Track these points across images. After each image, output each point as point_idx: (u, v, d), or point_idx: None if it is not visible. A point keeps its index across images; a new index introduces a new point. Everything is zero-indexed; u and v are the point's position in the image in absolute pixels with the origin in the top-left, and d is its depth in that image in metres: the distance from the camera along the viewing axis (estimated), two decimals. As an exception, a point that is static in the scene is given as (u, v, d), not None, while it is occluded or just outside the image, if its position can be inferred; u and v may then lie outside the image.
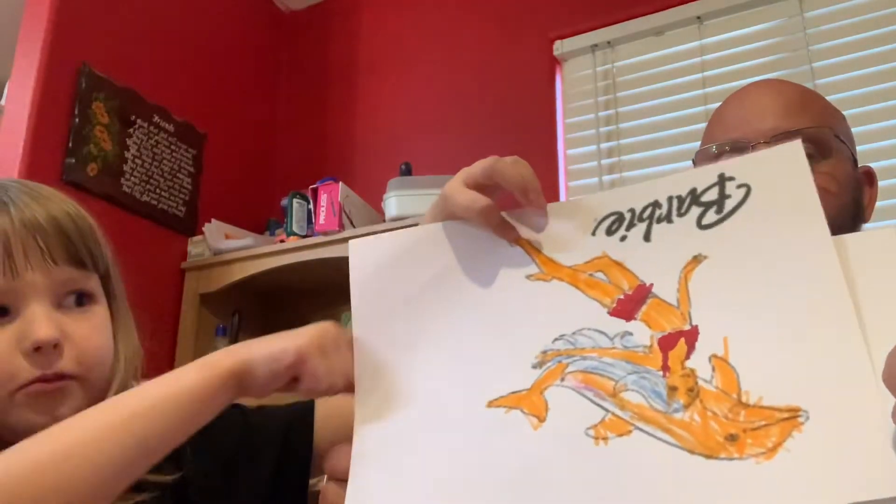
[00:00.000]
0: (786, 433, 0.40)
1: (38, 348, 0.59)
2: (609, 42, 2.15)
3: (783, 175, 0.48)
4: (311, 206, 2.11)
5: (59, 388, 0.60)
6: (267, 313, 2.28)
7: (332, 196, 2.05)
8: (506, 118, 2.23)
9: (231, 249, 2.12)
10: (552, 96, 2.20)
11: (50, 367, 0.60)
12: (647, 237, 0.49)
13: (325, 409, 0.74)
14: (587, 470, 0.43)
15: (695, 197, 0.49)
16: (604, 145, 2.10)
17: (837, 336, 0.42)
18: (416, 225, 0.58)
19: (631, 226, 0.50)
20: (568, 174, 2.14)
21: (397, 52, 2.51)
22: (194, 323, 2.09)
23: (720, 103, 0.91)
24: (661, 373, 0.45)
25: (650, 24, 2.10)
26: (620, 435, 0.44)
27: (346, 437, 0.54)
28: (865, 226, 0.84)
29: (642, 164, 2.04)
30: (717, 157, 0.84)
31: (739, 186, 0.48)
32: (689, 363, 0.45)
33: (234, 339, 2.14)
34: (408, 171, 2.05)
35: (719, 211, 0.48)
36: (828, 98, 0.90)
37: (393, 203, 1.94)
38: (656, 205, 0.50)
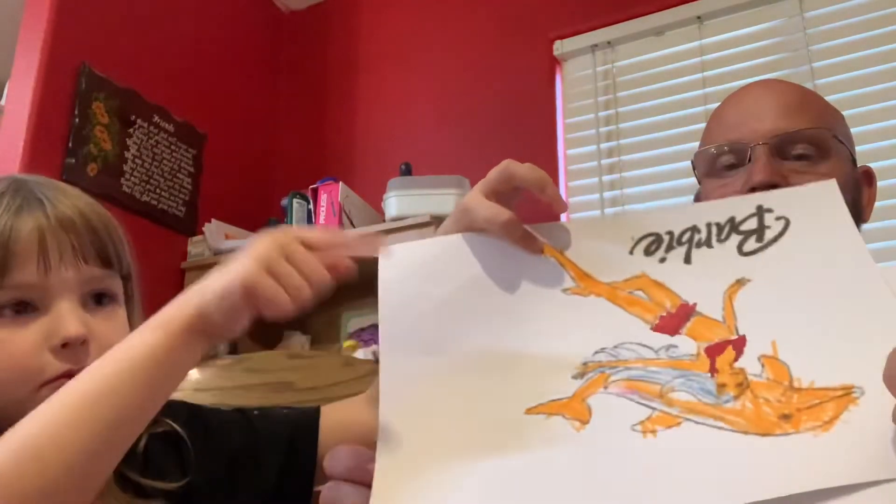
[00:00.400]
0: (841, 408, 0.40)
1: (65, 344, 0.60)
2: (609, 42, 2.15)
3: (820, 208, 0.49)
4: (311, 206, 2.11)
5: None
6: (267, 313, 2.28)
7: (332, 196, 2.05)
8: (506, 118, 2.23)
9: (231, 249, 2.13)
10: (552, 96, 2.21)
11: (77, 363, 0.60)
12: (687, 260, 0.50)
13: (331, 417, 0.74)
14: (636, 459, 0.42)
15: (734, 225, 0.50)
16: (604, 145, 2.10)
17: (883, 326, 0.42)
18: (415, 225, 0.57)
19: (670, 248, 0.50)
20: (568, 174, 2.14)
21: (397, 52, 2.51)
22: (194, 323, 2.09)
23: (720, 103, 0.91)
24: (709, 374, 0.45)
25: (650, 24, 2.10)
26: (669, 427, 0.43)
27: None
28: (864, 226, 0.84)
29: (642, 164, 2.04)
30: (716, 157, 0.84)
31: (778, 218, 0.49)
32: (737, 364, 0.45)
33: (234, 340, 2.14)
34: (408, 171, 2.05)
35: (759, 240, 0.49)
36: (828, 98, 0.90)
37: (393, 203, 1.94)
38: (695, 230, 0.50)
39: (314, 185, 2.11)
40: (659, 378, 0.45)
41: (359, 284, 2.07)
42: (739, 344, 0.45)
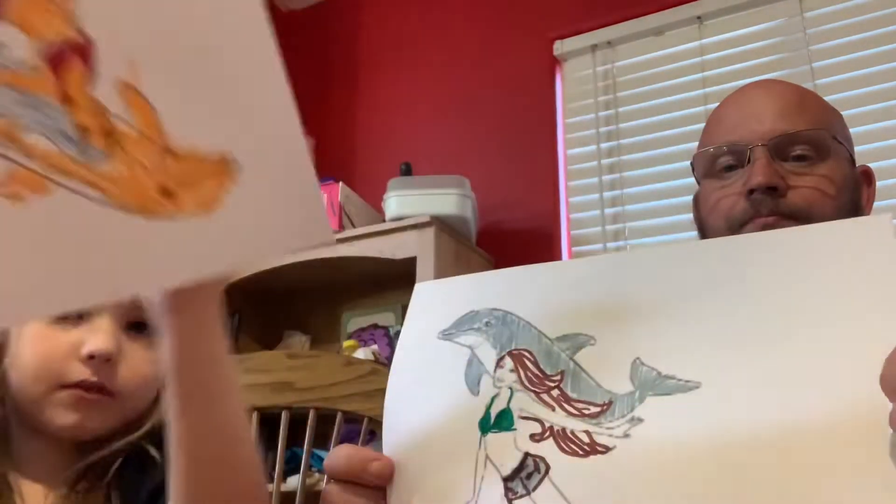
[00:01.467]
0: (222, 186, 0.35)
1: (91, 357, 0.63)
2: (609, 42, 2.15)
3: None
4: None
5: (96, 400, 0.64)
6: (267, 313, 2.28)
7: (332, 196, 2.05)
8: (506, 118, 2.23)
9: (231, 249, 2.12)
10: (552, 96, 2.21)
11: (98, 376, 0.64)
12: None
13: None
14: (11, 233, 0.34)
15: None
16: (604, 145, 2.10)
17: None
18: (415, 225, 0.57)
19: None
20: (568, 174, 2.14)
21: (397, 52, 2.51)
22: (194, 323, 2.09)
23: (719, 104, 0.91)
24: (60, 105, 0.34)
25: (650, 24, 2.10)
26: (38, 192, 0.34)
27: None
28: None
29: (642, 164, 2.04)
30: (715, 158, 0.84)
31: None
32: (95, 93, 0.34)
33: (235, 340, 2.14)
34: (408, 171, 2.05)
35: None
36: (828, 98, 0.90)
37: (393, 203, 1.94)
38: None
39: (314, 185, 2.11)
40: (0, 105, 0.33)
41: (359, 284, 2.08)
42: (86, 53, 0.33)
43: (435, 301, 0.52)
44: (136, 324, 0.67)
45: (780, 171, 0.78)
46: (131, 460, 0.68)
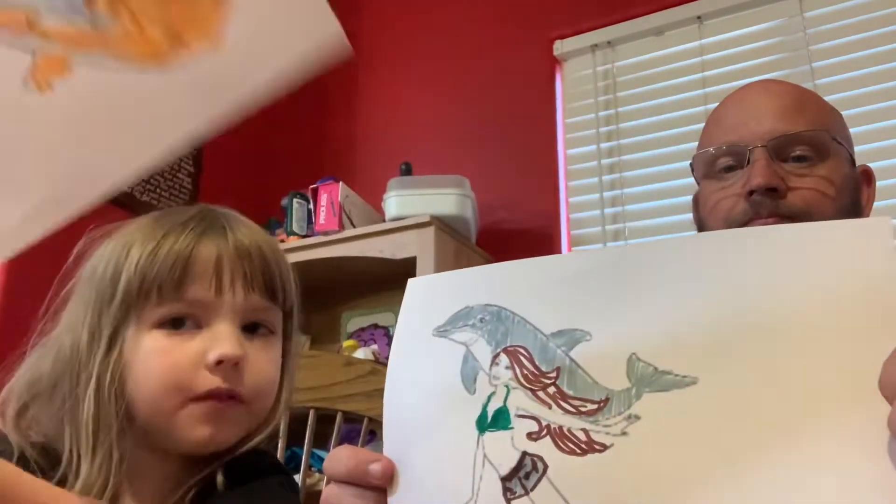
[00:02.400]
0: (222, 15, 0.36)
1: (220, 362, 0.62)
2: (609, 42, 2.15)
3: None
4: (311, 205, 2.11)
5: (228, 409, 0.63)
6: (267, 313, 2.28)
7: (332, 196, 2.05)
8: (506, 118, 2.23)
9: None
10: (552, 96, 2.21)
11: (228, 382, 0.62)
12: None
13: None
14: (37, 125, 0.35)
15: None
16: (604, 145, 2.10)
17: None
18: (415, 225, 0.57)
19: None
20: (568, 174, 2.14)
21: (397, 52, 2.52)
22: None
23: (718, 104, 0.91)
24: None
25: (650, 24, 2.10)
26: (62, 75, 0.37)
27: None
28: None
29: (642, 164, 2.04)
30: (715, 159, 0.84)
31: None
32: None
33: (235, 339, 2.14)
34: (408, 171, 2.05)
35: None
36: (828, 98, 0.90)
37: (393, 203, 1.94)
38: None
39: (314, 185, 2.11)
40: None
41: (359, 284, 2.09)
42: None
43: (428, 297, 0.51)
44: (249, 325, 0.66)
45: (780, 173, 0.78)
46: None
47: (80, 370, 0.62)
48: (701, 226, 0.88)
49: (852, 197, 0.82)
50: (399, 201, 1.94)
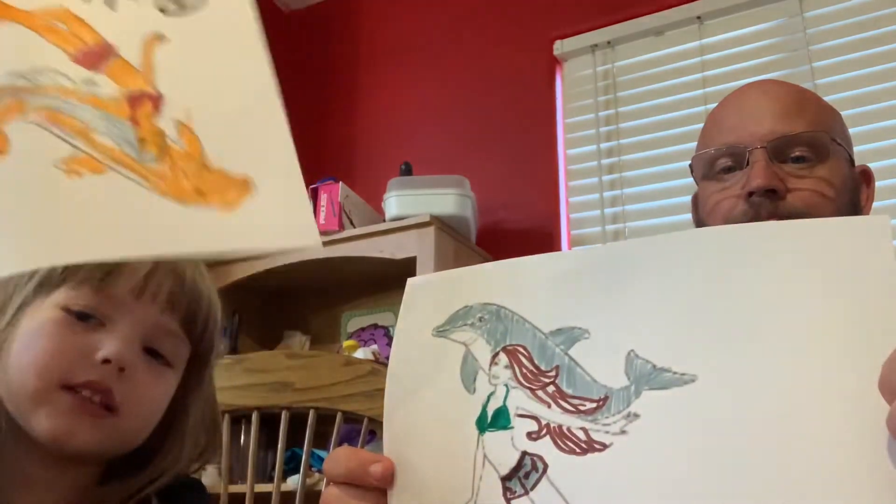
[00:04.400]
0: (242, 196, 0.44)
1: (106, 361, 0.59)
2: (609, 42, 2.15)
3: None
4: (311, 205, 2.11)
5: (95, 410, 0.59)
6: (267, 313, 2.28)
7: (332, 196, 2.05)
8: (506, 118, 2.23)
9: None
10: (552, 96, 2.21)
11: (104, 381, 0.59)
12: (111, 5, 0.48)
13: None
14: (58, 198, 0.43)
15: None
16: (604, 145, 2.10)
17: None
18: (415, 225, 0.57)
19: None
20: (568, 174, 2.14)
21: (397, 52, 2.52)
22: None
23: (717, 104, 0.91)
24: (129, 123, 0.45)
25: (650, 24, 2.10)
26: (94, 172, 0.44)
27: None
28: None
29: (642, 164, 2.05)
30: (714, 160, 0.84)
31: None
32: (157, 123, 0.45)
33: (234, 340, 2.14)
34: (408, 171, 2.06)
35: (181, 6, 0.48)
36: (828, 98, 0.90)
37: (393, 203, 1.95)
38: None
39: (314, 185, 2.11)
40: (81, 115, 0.45)
41: (359, 284, 2.09)
42: (157, 102, 0.46)
43: (427, 297, 0.51)
44: (152, 350, 0.64)
45: (780, 174, 0.78)
46: None
47: None
48: (700, 226, 0.88)
49: (852, 197, 0.82)
50: (399, 201, 1.94)
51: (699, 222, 0.89)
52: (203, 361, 0.69)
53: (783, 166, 0.79)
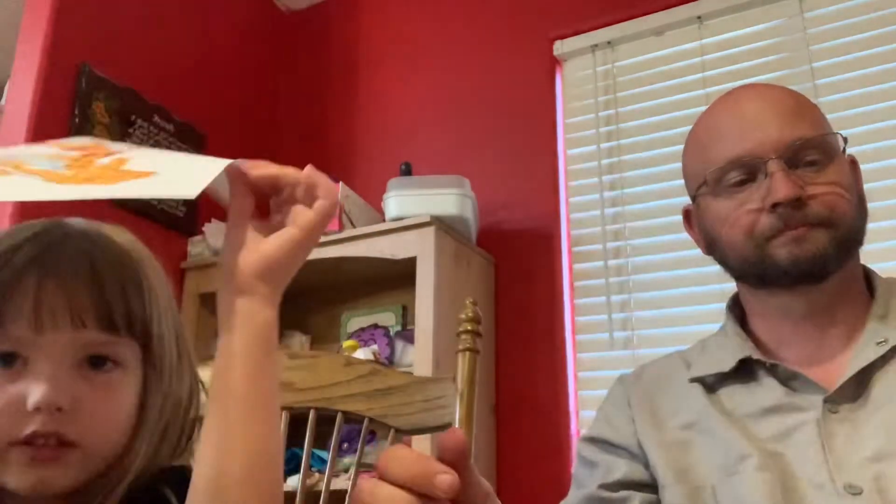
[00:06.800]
0: (138, 178, 0.53)
1: (38, 409, 0.56)
2: (609, 42, 2.15)
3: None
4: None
5: (54, 456, 0.57)
6: (267, 313, 2.27)
7: (332, 196, 2.05)
8: (506, 118, 2.23)
9: (231, 249, 2.12)
10: (552, 96, 2.21)
11: (49, 426, 0.57)
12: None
13: None
14: None
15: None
16: (604, 145, 2.10)
17: None
18: (415, 225, 0.56)
19: None
20: (568, 174, 2.14)
21: (397, 52, 2.51)
22: (194, 323, 2.10)
23: (707, 113, 0.89)
24: (64, 161, 0.55)
25: (650, 24, 2.10)
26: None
27: None
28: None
29: (642, 164, 2.04)
30: (722, 175, 0.82)
31: None
32: (96, 161, 0.56)
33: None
34: (408, 171, 2.05)
35: None
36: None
37: (393, 203, 1.94)
38: None
39: (314, 185, 2.11)
40: (29, 160, 0.55)
41: (359, 284, 2.09)
42: (110, 154, 0.57)
43: None
44: (94, 359, 0.60)
45: (798, 182, 0.78)
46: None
47: None
48: (712, 243, 0.86)
49: (857, 190, 0.83)
50: (399, 201, 1.93)
51: (709, 239, 0.86)
52: (148, 341, 0.63)
53: (798, 172, 0.79)
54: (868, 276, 0.86)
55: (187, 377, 0.67)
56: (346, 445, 1.89)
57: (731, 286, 0.91)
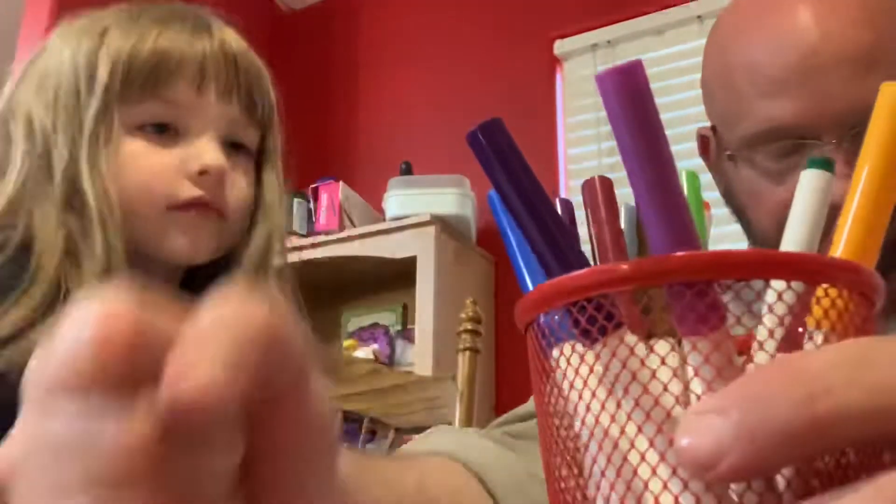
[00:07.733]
0: None
1: (203, 173, 0.58)
2: (609, 41, 2.15)
3: None
4: (312, 205, 2.11)
5: (210, 220, 0.59)
6: (267, 313, 2.28)
7: (332, 195, 2.05)
8: (506, 118, 2.16)
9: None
10: (552, 96, 2.21)
11: (211, 193, 0.59)
12: None
13: None
14: None
15: None
16: (604, 145, 2.10)
17: None
18: (415, 224, 0.55)
19: None
20: (568, 174, 2.14)
21: (397, 51, 2.51)
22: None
23: (729, 25, 0.67)
24: None
25: (650, 24, 2.10)
26: None
27: None
28: None
29: (642, 164, 2.04)
30: (762, 140, 0.59)
31: None
32: None
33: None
34: (408, 171, 2.06)
35: None
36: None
37: (393, 203, 1.95)
38: None
39: (314, 185, 2.11)
40: None
41: (359, 284, 2.09)
42: None
43: None
44: (230, 144, 0.62)
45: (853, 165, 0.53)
46: None
47: (69, 167, 0.57)
48: (734, 204, 0.67)
49: None
50: (399, 201, 1.94)
51: (731, 198, 0.67)
52: (267, 126, 0.67)
53: (854, 149, 0.53)
54: None
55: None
56: (346, 445, 1.89)
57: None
